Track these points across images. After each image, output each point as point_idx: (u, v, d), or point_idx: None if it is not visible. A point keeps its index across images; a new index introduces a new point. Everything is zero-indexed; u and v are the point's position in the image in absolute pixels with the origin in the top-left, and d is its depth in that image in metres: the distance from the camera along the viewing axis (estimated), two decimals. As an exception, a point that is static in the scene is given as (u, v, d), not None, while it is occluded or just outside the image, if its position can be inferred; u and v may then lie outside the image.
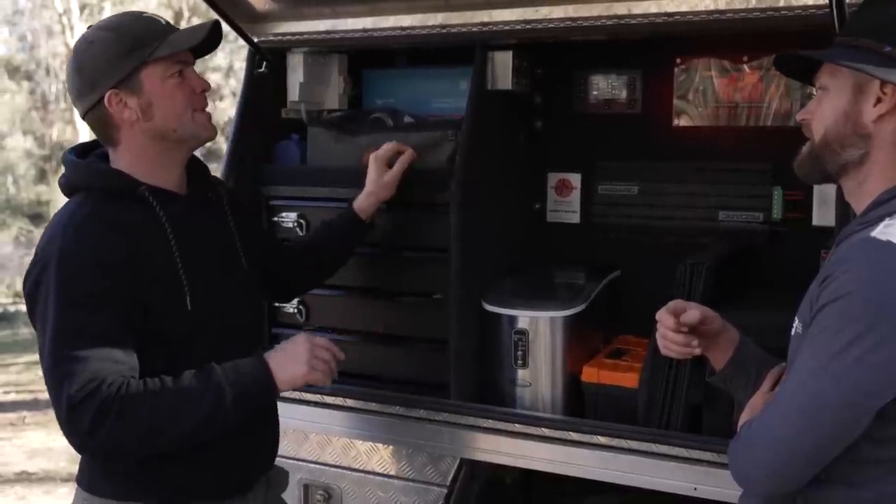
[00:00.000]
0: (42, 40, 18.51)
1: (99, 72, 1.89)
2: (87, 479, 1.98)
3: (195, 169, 2.08)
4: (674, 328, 1.76)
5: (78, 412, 1.76)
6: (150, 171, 1.94)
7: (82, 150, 2.03)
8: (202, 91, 1.99)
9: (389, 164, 2.48)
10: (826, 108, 1.60)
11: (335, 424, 2.59)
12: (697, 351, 1.79)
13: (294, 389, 2.08)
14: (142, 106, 1.90)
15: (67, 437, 1.82)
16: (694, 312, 1.76)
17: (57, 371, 1.78)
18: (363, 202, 2.45)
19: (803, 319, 1.56)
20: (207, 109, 2.02)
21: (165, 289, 1.88)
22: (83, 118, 1.96)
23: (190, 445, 1.87)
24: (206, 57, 2.25)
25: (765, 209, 2.65)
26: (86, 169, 1.96)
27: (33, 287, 1.86)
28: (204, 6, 2.76)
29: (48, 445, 6.88)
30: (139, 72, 1.89)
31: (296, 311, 2.75)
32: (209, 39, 1.98)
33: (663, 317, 1.78)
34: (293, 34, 2.75)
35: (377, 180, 2.46)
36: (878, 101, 1.53)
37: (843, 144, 1.57)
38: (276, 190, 2.78)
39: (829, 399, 1.41)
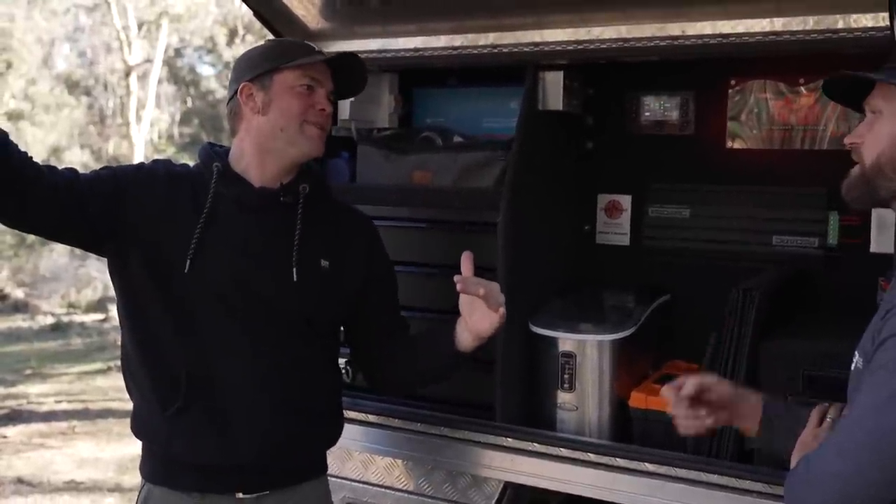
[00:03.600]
0: (101, 56, 18.90)
1: (244, 68, 2.12)
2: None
3: (301, 173, 2.15)
4: (679, 402, 1.74)
5: None
6: (248, 163, 2.10)
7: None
8: (321, 109, 2.10)
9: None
10: (880, 132, 1.58)
11: (379, 444, 2.58)
12: (709, 421, 1.78)
13: None
14: (264, 101, 2.07)
15: None
16: (688, 386, 1.74)
17: None
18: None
19: (864, 354, 1.51)
20: (322, 131, 2.12)
21: (172, 242, 2.00)
22: (227, 108, 2.18)
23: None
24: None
25: (820, 234, 2.60)
26: (200, 148, 2.20)
27: None
28: (258, 24, 2.80)
29: (97, 455, 6.96)
30: (273, 73, 2.07)
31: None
32: (344, 67, 2.16)
33: (666, 393, 1.77)
34: (345, 53, 2.77)
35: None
36: None
37: None
38: (325, 207, 2.78)
39: (891, 435, 1.36)
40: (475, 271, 2.11)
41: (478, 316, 2.07)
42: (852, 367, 1.56)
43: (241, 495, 2.05)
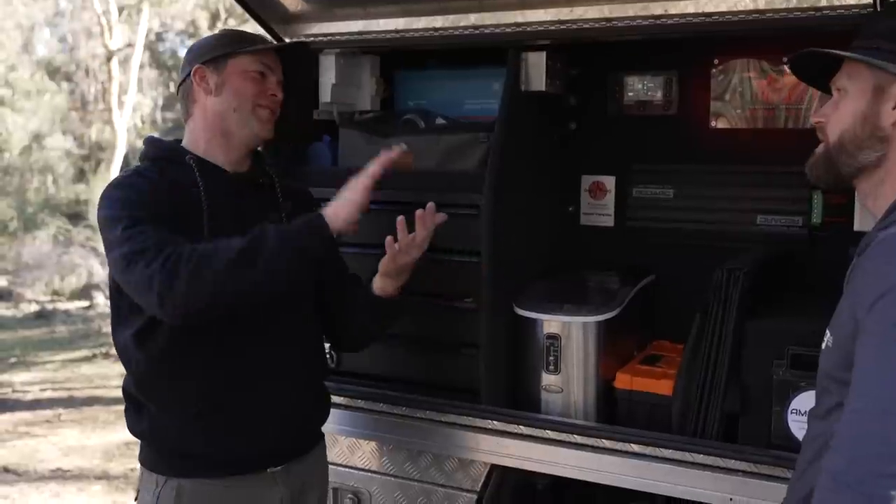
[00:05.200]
0: (82, 41, 18.71)
1: (198, 52, 2.18)
2: (143, 458, 2.16)
3: (256, 157, 2.26)
4: None
5: (155, 274, 1.88)
6: (208, 147, 2.15)
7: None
8: (272, 95, 2.18)
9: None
10: (844, 110, 1.60)
11: (365, 428, 2.57)
12: None
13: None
14: (217, 83, 2.13)
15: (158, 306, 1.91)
16: None
17: (129, 258, 1.91)
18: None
19: (835, 333, 1.51)
20: (273, 115, 2.19)
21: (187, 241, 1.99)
22: (177, 93, 2.24)
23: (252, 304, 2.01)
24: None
25: (804, 213, 2.60)
26: (150, 143, 2.20)
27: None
28: (240, 8, 2.77)
29: (83, 443, 6.94)
30: (227, 58, 2.14)
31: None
32: (293, 55, 2.27)
33: None
34: (325, 35, 2.74)
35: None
36: None
37: (859, 146, 1.58)
38: (308, 191, 2.76)
39: None
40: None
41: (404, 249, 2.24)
42: (823, 346, 1.56)
43: (271, 469, 2.15)
